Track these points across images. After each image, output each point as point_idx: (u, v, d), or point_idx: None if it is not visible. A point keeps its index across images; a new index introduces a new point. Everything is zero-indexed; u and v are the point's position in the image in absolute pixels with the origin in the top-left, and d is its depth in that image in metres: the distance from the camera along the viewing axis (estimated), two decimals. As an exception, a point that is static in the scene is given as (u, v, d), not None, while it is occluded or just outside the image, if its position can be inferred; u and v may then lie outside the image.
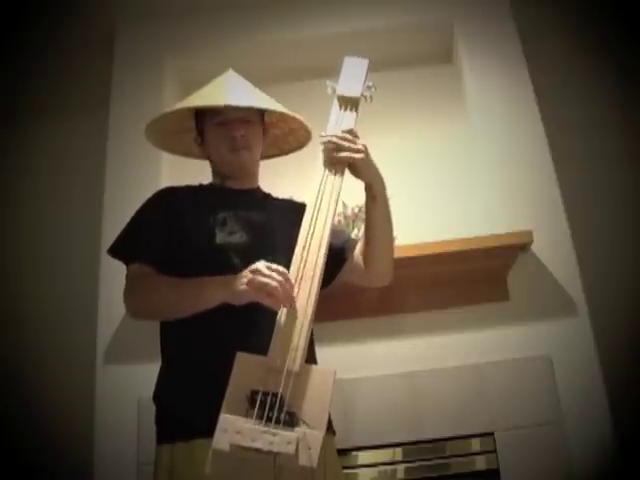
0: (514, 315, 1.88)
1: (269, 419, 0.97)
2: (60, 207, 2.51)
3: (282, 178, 1.85)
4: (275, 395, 0.98)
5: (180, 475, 1.16)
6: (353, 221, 2.08)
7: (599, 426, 1.73)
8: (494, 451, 1.74)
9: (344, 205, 2.11)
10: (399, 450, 1.76)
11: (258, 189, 1.52)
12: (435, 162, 2.31)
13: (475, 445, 1.76)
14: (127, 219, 1.43)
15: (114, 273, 1.97)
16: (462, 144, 2.28)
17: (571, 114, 2.42)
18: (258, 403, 0.98)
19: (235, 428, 0.96)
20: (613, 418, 1.73)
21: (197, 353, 1.26)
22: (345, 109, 1.35)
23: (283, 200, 1.55)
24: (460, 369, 1.82)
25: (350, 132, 1.29)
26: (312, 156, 1.61)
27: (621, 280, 2.19)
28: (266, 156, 1.57)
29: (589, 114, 2.45)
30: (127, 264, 1.35)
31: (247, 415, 0.97)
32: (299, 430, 0.96)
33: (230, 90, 1.42)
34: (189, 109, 1.46)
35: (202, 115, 1.44)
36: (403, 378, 1.82)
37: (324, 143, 1.26)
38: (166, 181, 2.13)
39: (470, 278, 1.90)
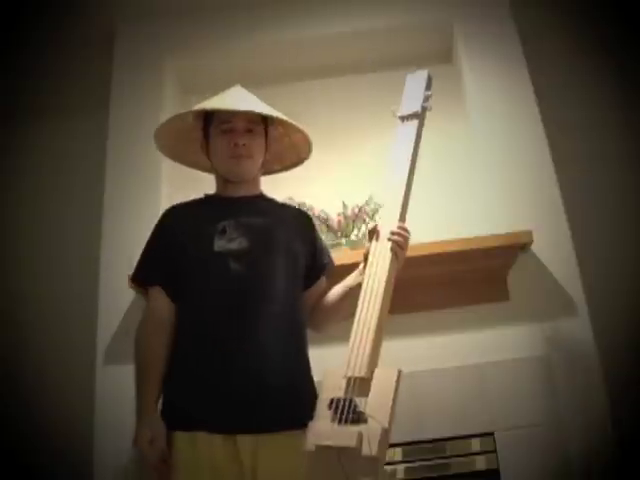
0: (514, 315, 1.88)
1: (341, 420, 1.12)
2: (60, 207, 2.51)
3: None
4: (347, 399, 1.13)
5: (182, 461, 1.25)
6: (353, 221, 2.08)
7: (599, 426, 1.73)
8: (494, 451, 1.74)
9: (344, 205, 2.11)
10: (399, 450, 1.76)
11: (260, 195, 1.55)
12: (435, 162, 2.31)
13: (475, 445, 1.76)
14: (127, 219, 1.46)
15: (114, 273, 1.97)
16: (462, 144, 2.28)
17: (571, 114, 2.42)
18: (333, 408, 1.14)
19: (316, 431, 1.13)
20: (613, 418, 1.74)
21: (197, 351, 1.32)
22: (407, 121, 1.41)
23: (285, 205, 1.60)
24: (460, 369, 1.82)
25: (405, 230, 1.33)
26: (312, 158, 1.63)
27: (621, 280, 2.19)
28: (267, 172, 1.61)
29: (589, 114, 2.45)
30: (146, 289, 1.45)
31: (330, 420, 1.13)
32: (364, 426, 1.09)
33: (239, 99, 1.48)
34: (198, 113, 1.50)
35: (210, 122, 1.49)
36: (403, 378, 1.81)
37: (394, 234, 1.29)
38: (166, 181, 2.13)
39: (470, 278, 1.90)
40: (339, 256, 1.72)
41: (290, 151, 1.61)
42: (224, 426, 1.24)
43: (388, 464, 1.76)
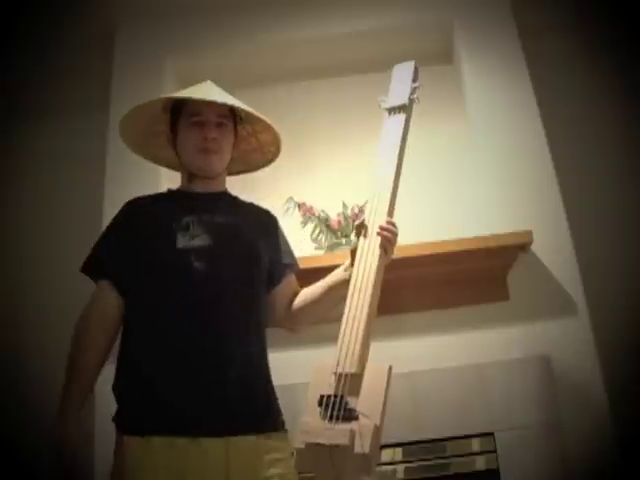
0: (514, 315, 1.89)
1: (332, 417, 1.11)
2: (60, 207, 2.51)
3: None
4: (337, 396, 1.13)
5: (136, 467, 1.20)
6: (353, 221, 2.08)
7: (599, 426, 1.73)
8: (494, 451, 1.74)
9: (344, 205, 2.11)
10: (399, 450, 1.76)
11: (225, 193, 1.52)
12: (435, 162, 2.31)
13: (475, 445, 1.76)
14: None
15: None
16: (462, 144, 2.28)
17: (571, 114, 2.42)
18: (324, 405, 1.13)
19: (306, 429, 1.13)
20: (613, 418, 1.74)
21: (153, 349, 1.28)
22: (394, 114, 1.40)
23: (250, 204, 1.55)
24: (460, 369, 1.83)
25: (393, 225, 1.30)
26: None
27: (621, 280, 2.19)
28: (232, 172, 1.57)
29: (589, 114, 2.45)
30: (95, 281, 1.39)
31: (320, 417, 1.13)
32: (356, 423, 1.09)
33: (212, 92, 1.44)
34: (166, 105, 1.47)
35: (178, 113, 1.45)
36: (403, 378, 1.81)
37: (383, 230, 1.27)
38: (166, 181, 2.13)
39: (470, 278, 1.90)
40: (339, 256, 1.72)
41: (256, 152, 1.58)
42: (188, 429, 1.19)
43: (388, 464, 1.76)
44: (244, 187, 1.60)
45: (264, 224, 1.51)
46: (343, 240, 2.05)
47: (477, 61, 2.25)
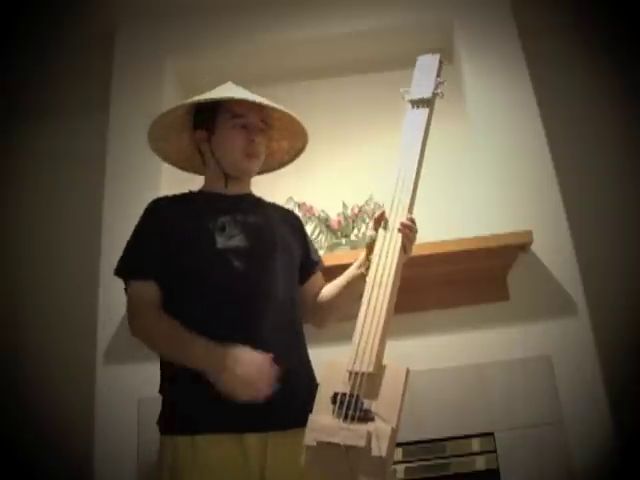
0: (514, 315, 1.89)
1: (347, 417, 1.08)
2: (60, 207, 2.51)
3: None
4: (352, 395, 1.09)
5: (182, 467, 1.20)
6: (353, 221, 2.08)
7: (599, 426, 1.73)
8: (494, 451, 1.74)
9: (344, 205, 2.11)
10: (399, 450, 1.76)
11: (251, 194, 1.53)
12: (435, 162, 2.29)
13: (475, 445, 1.76)
14: (127, 219, 1.44)
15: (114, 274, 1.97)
16: (462, 144, 2.28)
17: (571, 114, 2.42)
18: (338, 403, 1.09)
19: (318, 427, 1.09)
20: (613, 418, 1.74)
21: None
22: (417, 108, 1.38)
23: (273, 205, 1.57)
24: (460, 369, 1.82)
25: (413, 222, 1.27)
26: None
27: (621, 280, 2.19)
28: None
29: (589, 114, 2.45)
30: (127, 282, 1.36)
31: (333, 414, 1.09)
32: (372, 424, 1.06)
33: (250, 95, 1.42)
34: (190, 106, 1.45)
35: (215, 113, 1.43)
36: (403, 378, 1.81)
37: (405, 227, 1.23)
38: (166, 181, 2.13)
39: (470, 278, 1.90)
40: (339, 256, 1.72)
41: (271, 157, 1.58)
42: (231, 425, 1.22)
43: (388, 464, 1.76)
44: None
45: (290, 223, 1.52)
46: (343, 240, 2.05)
47: (477, 61, 2.25)
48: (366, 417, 1.07)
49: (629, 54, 2.49)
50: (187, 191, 1.50)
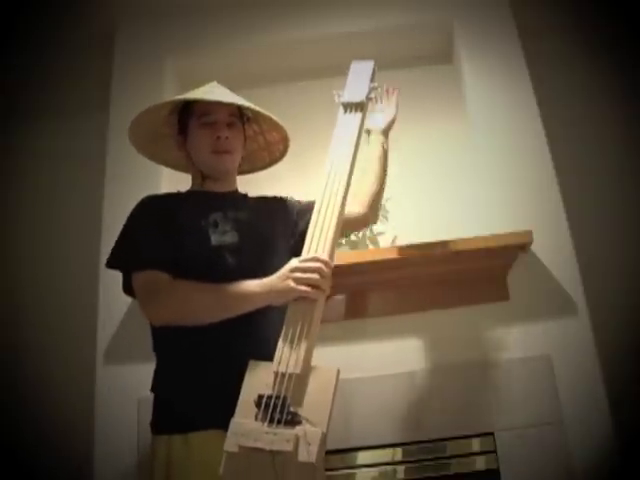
0: (514, 315, 1.88)
1: (272, 420, 1.02)
2: (60, 207, 2.51)
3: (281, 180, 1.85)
4: (278, 397, 1.04)
5: (176, 465, 1.20)
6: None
7: (599, 426, 1.73)
8: (494, 451, 1.74)
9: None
10: (399, 450, 1.76)
11: (237, 191, 1.54)
12: (435, 162, 2.31)
13: (475, 445, 1.76)
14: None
15: (114, 274, 1.97)
16: (462, 144, 2.28)
17: (571, 114, 2.42)
18: (263, 406, 1.04)
19: (242, 431, 1.02)
20: (613, 418, 1.73)
21: (197, 350, 1.29)
22: (350, 112, 1.38)
23: (259, 199, 1.57)
24: (460, 369, 1.82)
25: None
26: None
27: (621, 280, 2.19)
28: (240, 172, 1.58)
29: (589, 114, 2.45)
30: (131, 272, 1.34)
31: (257, 418, 1.03)
32: (300, 428, 1.00)
33: (220, 92, 1.44)
34: (173, 108, 1.48)
35: (187, 115, 1.46)
36: (403, 378, 1.81)
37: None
38: (166, 181, 2.13)
39: (470, 278, 1.90)
40: (339, 256, 1.71)
41: (264, 151, 1.59)
42: (223, 421, 1.18)
43: (388, 464, 1.76)
44: (242, 187, 1.60)
45: (276, 210, 1.53)
46: (343, 240, 2.05)
47: (477, 61, 2.25)
48: (293, 420, 1.02)
49: (629, 54, 2.49)
50: (176, 191, 1.51)
